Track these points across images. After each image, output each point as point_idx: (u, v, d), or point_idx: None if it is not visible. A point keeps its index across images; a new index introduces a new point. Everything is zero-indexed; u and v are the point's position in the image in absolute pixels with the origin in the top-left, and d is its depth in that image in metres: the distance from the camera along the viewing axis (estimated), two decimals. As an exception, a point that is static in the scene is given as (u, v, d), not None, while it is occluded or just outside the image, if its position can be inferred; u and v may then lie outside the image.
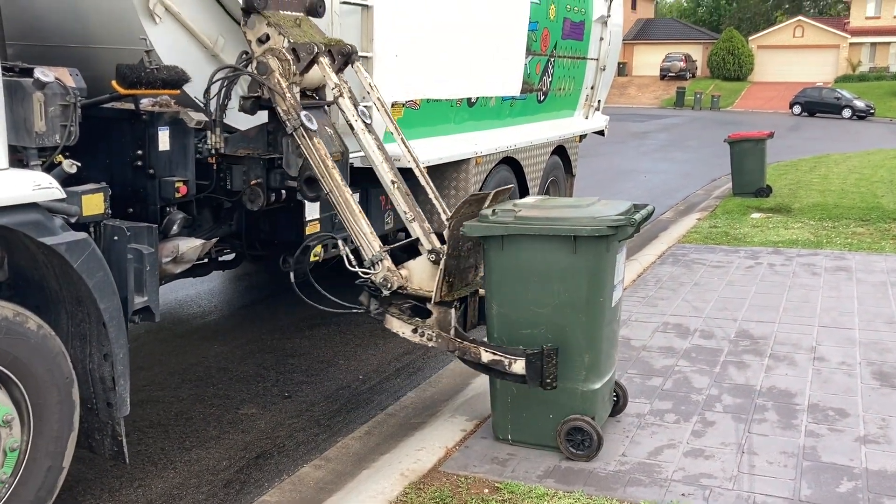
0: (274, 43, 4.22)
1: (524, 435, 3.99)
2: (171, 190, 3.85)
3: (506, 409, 4.01)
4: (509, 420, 4.01)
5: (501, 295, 3.91)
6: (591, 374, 3.84)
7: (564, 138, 8.61)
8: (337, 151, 4.40)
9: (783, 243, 8.95)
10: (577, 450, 3.83)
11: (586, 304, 3.77)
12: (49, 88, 3.13)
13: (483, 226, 3.88)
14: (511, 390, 3.97)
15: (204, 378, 5.35)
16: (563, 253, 3.73)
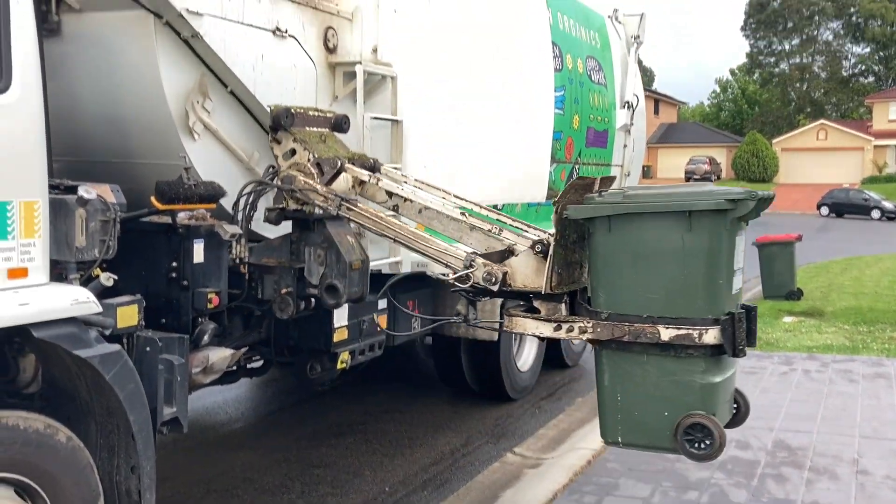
0: (299, 157, 4.41)
1: (635, 436, 3.63)
2: (203, 301, 3.93)
3: (615, 409, 3.63)
4: (619, 420, 3.64)
5: (609, 282, 3.59)
6: (710, 365, 3.48)
7: (591, 243, 8.66)
8: (357, 259, 4.49)
9: (818, 348, 8.77)
10: (696, 449, 3.46)
11: (704, 288, 3.45)
12: (91, 205, 3.26)
13: (590, 207, 3.59)
14: (620, 388, 3.62)
15: (229, 489, 5.28)
16: (678, 231, 3.40)
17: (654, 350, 3.51)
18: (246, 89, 4.43)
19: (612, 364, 3.65)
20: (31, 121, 3.04)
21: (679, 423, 3.47)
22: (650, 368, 3.54)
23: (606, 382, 3.68)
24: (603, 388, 3.70)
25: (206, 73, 4.25)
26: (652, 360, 3.53)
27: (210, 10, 4.07)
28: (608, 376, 3.67)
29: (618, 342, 3.58)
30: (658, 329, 3.49)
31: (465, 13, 6.08)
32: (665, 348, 3.50)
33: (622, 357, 3.61)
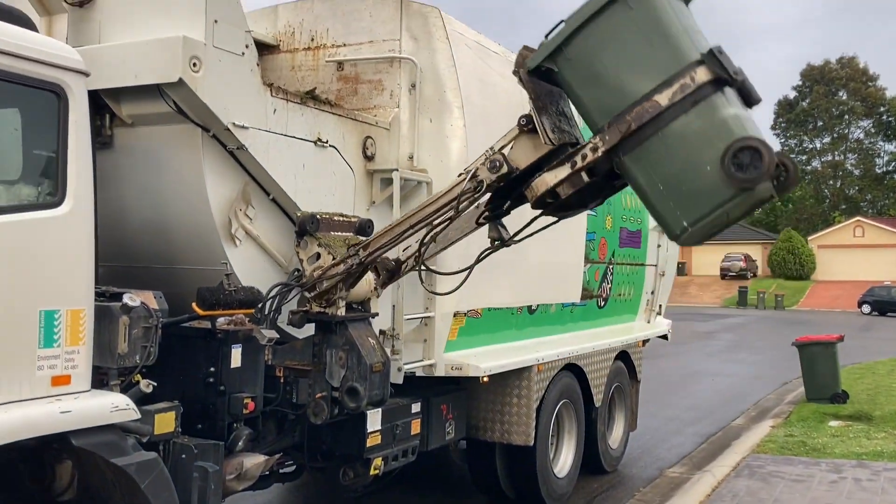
0: (323, 261, 4.53)
1: (695, 208, 3.50)
2: (239, 406, 3.95)
3: (665, 199, 3.56)
4: (673, 207, 3.54)
5: (593, 95, 3.67)
6: (720, 101, 3.48)
7: (627, 344, 8.57)
8: (378, 362, 4.55)
9: (867, 455, 8.42)
10: (747, 173, 3.36)
11: (673, 36, 3.56)
12: (135, 312, 3.35)
13: (540, 49, 3.73)
14: (657, 176, 3.56)
15: None
16: (621, 13, 3.55)
17: (662, 121, 3.49)
18: (287, 197, 4.58)
19: (636, 162, 3.59)
20: (81, 232, 3.16)
21: (723, 158, 3.38)
22: (669, 138, 3.50)
23: (643, 183, 3.59)
24: (643, 190, 3.62)
25: (250, 182, 4.41)
26: (667, 131, 3.50)
27: (255, 124, 4.26)
28: (641, 175, 3.59)
29: (629, 137, 3.53)
30: (655, 99, 3.48)
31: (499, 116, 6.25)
32: (671, 112, 3.48)
33: (641, 150, 3.55)
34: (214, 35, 3.99)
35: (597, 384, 7.72)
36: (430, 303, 5.53)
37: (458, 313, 5.82)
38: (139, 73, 3.96)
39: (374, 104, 5.35)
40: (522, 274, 6.59)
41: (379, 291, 4.86)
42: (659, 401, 12.38)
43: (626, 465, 8.55)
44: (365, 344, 4.56)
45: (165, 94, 4.00)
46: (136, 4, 4.18)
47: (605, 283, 8.16)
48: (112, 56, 4.05)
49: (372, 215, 5.15)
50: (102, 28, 4.25)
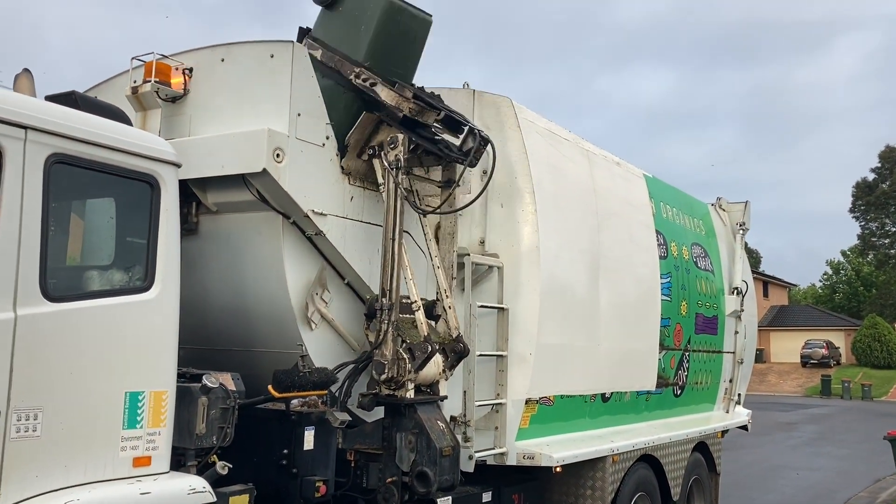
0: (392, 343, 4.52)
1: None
2: (311, 490, 3.93)
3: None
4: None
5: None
6: None
7: (705, 434, 8.23)
8: (448, 446, 4.48)
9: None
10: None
11: None
12: (213, 393, 3.41)
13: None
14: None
15: None
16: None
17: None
18: (362, 281, 4.66)
19: None
20: (167, 316, 3.28)
21: None
22: None
23: None
24: None
25: (326, 267, 4.52)
26: None
27: (333, 211, 4.39)
28: None
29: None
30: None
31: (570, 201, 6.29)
32: None
33: None
34: (297, 127, 4.18)
35: (674, 476, 7.40)
36: (501, 389, 5.47)
37: (529, 400, 5.72)
38: (226, 164, 4.15)
39: (447, 191, 5.45)
40: (596, 360, 6.47)
41: (447, 374, 4.84)
42: (740, 496, 11.74)
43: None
44: (434, 427, 4.51)
45: (249, 183, 4.18)
46: (224, 99, 4.43)
47: (681, 370, 7.93)
48: (201, 147, 4.27)
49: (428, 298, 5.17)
50: (192, 121, 4.50)
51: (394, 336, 4.55)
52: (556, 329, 5.97)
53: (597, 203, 6.68)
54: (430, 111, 4.73)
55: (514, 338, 5.51)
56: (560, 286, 6.01)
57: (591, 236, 6.51)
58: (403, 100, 4.55)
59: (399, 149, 4.51)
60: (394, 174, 4.50)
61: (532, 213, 5.65)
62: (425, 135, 4.85)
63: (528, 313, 5.62)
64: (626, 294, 6.85)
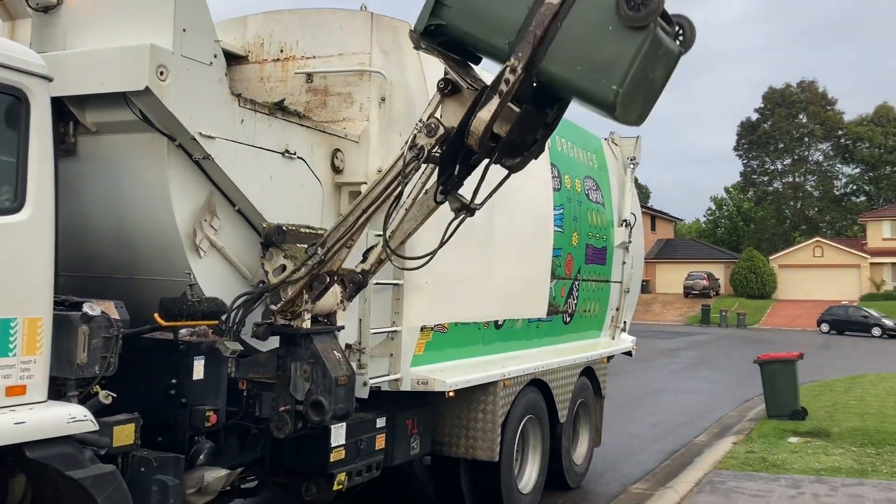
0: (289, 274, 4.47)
1: (617, 71, 3.71)
2: (201, 419, 3.88)
3: (587, 77, 3.81)
4: (598, 78, 3.78)
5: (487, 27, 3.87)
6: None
7: (592, 359, 8.62)
8: (343, 375, 4.52)
9: (825, 471, 8.55)
10: (638, 11, 3.59)
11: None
12: (95, 322, 3.28)
13: (420, 16, 4.04)
14: (575, 60, 3.80)
15: None
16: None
17: (561, 14, 3.71)
18: (253, 208, 4.54)
19: (553, 61, 3.76)
20: (41, 240, 3.10)
21: (617, 9, 3.59)
22: (572, 24, 3.70)
23: (566, 74, 3.80)
24: (569, 81, 3.84)
25: (215, 193, 4.37)
26: (567, 20, 3.73)
27: (222, 134, 4.23)
28: (562, 70, 3.78)
29: (539, 45, 3.71)
30: (546, 1, 3.71)
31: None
32: (566, 2, 3.73)
33: (553, 48, 3.74)
34: (183, 44, 3.96)
35: (562, 400, 7.75)
36: (397, 317, 5.52)
37: (424, 328, 5.81)
38: (105, 81, 3.91)
39: (343, 117, 5.35)
40: (489, 289, 6.61)
41: (345, 304, 4.84)
42: (623, 417, 12.45)
43: (590, 482, 8.57)
44: (330, 357, 4.53)
45: (131, 102, 3.95)
46: (103, 11, 4.14)
47: (570, 299, 8.22)
48: (77, 63, 4.00)
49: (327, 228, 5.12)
50: (67, 34, 4.19)
51: (306, 285, 4.49)
52: (451, 258, 6.03)
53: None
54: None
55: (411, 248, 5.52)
56: (457, 217, 6.04)
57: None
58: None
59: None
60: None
61: (430, 143, 5.61)
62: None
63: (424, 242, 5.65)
64: (520, 225, 6.97)
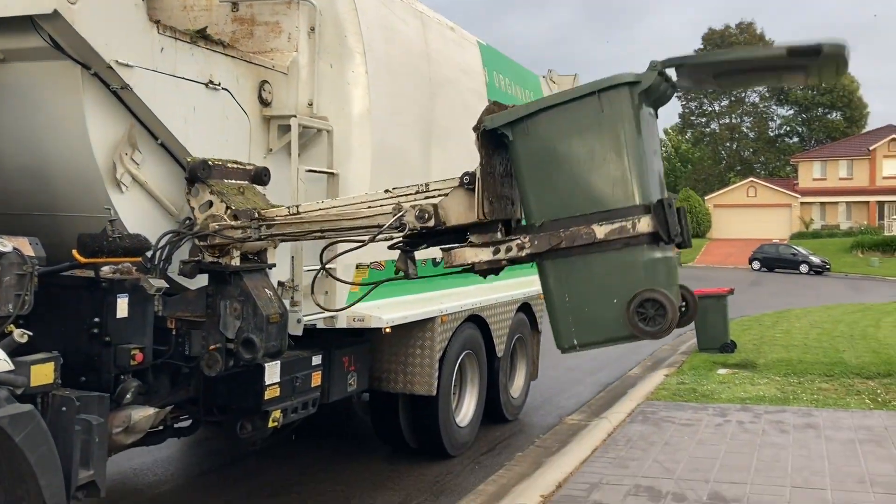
0: (216, 210, 4.38)
1: (591, 334, 3.56)
2: (126, 358, 3.79)
3: (566, 312, 3.58)
4: (571, 322, 3.58)
5: (537, 187, 3.60)
6: (650, 246, 3.48)
7: (529, 295, 8.72)
8: (275, 312, 4.46)
9: (751, 400, 8.92)
10: (650, 326, 3.41)
11: (628, 172, 3.46)
12: (6, 258, 3.14)
13: (504, 113, 3.67)
14: (567, 289, 3.57)
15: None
16: (592, 115, 3.46)
17: (591, 249, 3.52)
18: (177, 141, 4.37)
19: (555, 268, 3.62)
20: (-57, 171, 2.93)
21: (630, 303, 3.44)
22: (593, 262, 3.53)
23: (553, 288, 3.62)
24: (550, 293, 3.64)
25: (136, 125, 4.19)
26: (592, 258, 3.53)
27: (141, 63, 4.03)
28: (553, 280, 3.62)
29: (557, 250, 3.56)
30: (592, 228, 3.50)
31: (404, 65, 6.16)
32: (602, 245, 3.51)
33: (564, 263, 3.58)
34: (93, -37, 3.72)
35: (499, 335, 7.84)
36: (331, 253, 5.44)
37: (360, 265, 5.75)
38: (9, 3, 3.66)
39: (270, 47, 5.16)
40: (426, 226, 6.56)
41: (276, 242, 4.75)
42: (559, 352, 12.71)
43: (527, 414, 8.78)
44: (261, 295, 4.46)
45: (39, 26, 3.72)
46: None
47: (508, 236, 8.25)
48: (-23, -17, 3.72)
49: (269, 163, 5.00)
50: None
51: (218, 202, 4.37)
52: (388, 194, 5.97)
53: (430, 69, 6.58)
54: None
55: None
56: (392, 152, 5.96)
57: (425, 103, 6.45)
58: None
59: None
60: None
61: (363, 75, 5.48)
62: None
63: (359, 179, 5.56)
64: (456, 161, 6.88)
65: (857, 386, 9.88)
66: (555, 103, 3.59)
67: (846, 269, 43.96)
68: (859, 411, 8.41)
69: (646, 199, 3.50)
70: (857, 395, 9.30)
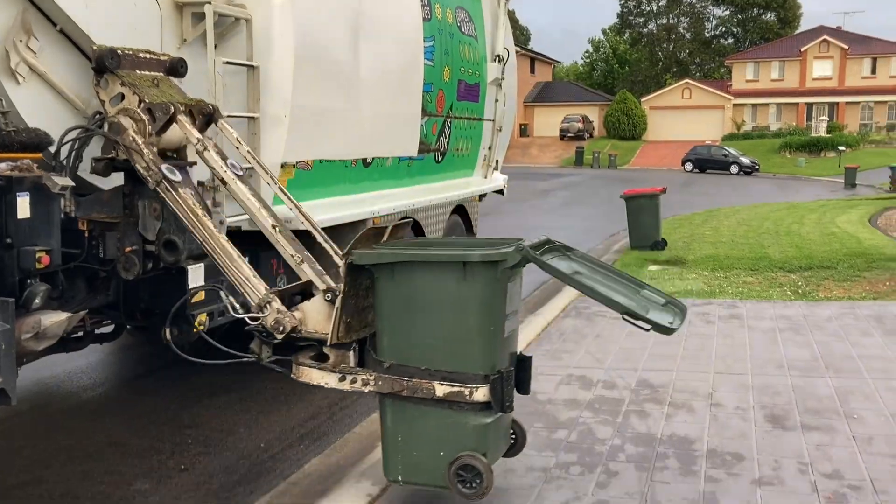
0: (128, 103, 4.09)
1: (414, 475, 3.77)
2: (31, 261, 3.57)
3: (396, 449, 3.78)
4: (399, 460, 3.78)
5: (392, 329, 3.71)
6: (483, 410, 3.64)
7: (464, 198, 8.65)
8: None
9: (679, 294, 9.17)
10: (467, 488, 3.61)
11: (478, 337, 3.62)
12: None
13: (374, 253, 3.71)
14: (402, 428, 3.75)
15: (93, 454, 4.96)
16: (453, 281, 3.58)
17: (430, 403, 3.68)
18: (78, 28, 4.03)
19: (394, 409, 3.79)
20: None
21: (451, 464, 3.65)
22: (428, 414, 3.70)
23: (389, 424, 3.81)
24: (386, 428, 3.83)
25: (29, 9, 3.83)
26: (430, 410, 3.69)
27: (26, -64, 3.64)
28: (390, 419, 3.80)
29: (397, 395, 3.73)
30: (434, 385, 3.64)
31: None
32: (440, 402, 3.66)
33: (403, 404, 3.75)
34: None
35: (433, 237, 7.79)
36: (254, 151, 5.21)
37: (286, 164, 5.54)
38: None
39: (179, -75, 4.74)
40: (356, 125, 6.34)
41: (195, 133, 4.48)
42: (496, 254, 12.79)
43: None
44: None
45: None
46: None
47: (442, 136, 8.09)
48: None
49: (184, 55, 4.68)
50: None
51: (130, 94, 4.07)
52: (313, 91, 5.70)
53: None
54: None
55: (266, 99, 5.18)
56: (317, 45, 5.65)
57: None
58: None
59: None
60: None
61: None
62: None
63: (282, 73, 5.27)
64: (388, 57, 6.64)
65: (780, 279, 10.26)
66: (422, 259, 3.65)
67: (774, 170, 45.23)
68: (781, 302, 8.75)
69: (488, 370, 3.62)
70: (779, 287, 9.67)
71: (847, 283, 9.86)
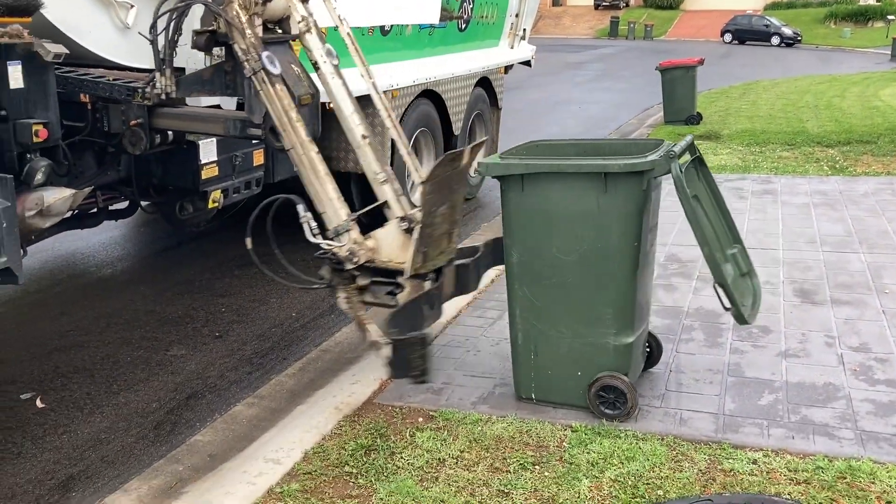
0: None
1: (549, 394, 3.58)
2: (28, 134, 3.42)
3: (529, 367, 3.58)
4: (532, 378, 3.58)
5: (522, 242, 3.46)
6: (622, 326, 3.42)
7: (488, 69, 8.28)
8: (307, 93, 3.84)
9: (712, 169, 8.78)
10: (609, 409, 3.44)
11: (619, 251, 3.35)
12: None
13: (501, 164, 3.43)
14: (534, 346, 3.56)
15: (131, 321, 5.03)
16: (592, 193, 3.28)
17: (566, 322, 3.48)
18: None
19: (525, 326, 3.56)
20: None
21: (592, 385, 3.45)
22: (564, 330, 3.47)
23: (520, 340, 3.57)
24: (517, 345, 3.60)
25: None
26: (565, 329, 3.48)
27: None
28: (521, 336, 3.57)
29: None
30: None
31: None
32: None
33: (535, 321, 3.52)
34: None
35: (456, 112, 7.51)
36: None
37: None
38: None
39: None
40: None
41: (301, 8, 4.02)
42: (526, 128, 12.45)
43: (485, 193, 8.67)
44: (290, 73, 3.78)
45: None
46: None
47: (466, 3, 7.64)
48: None
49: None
50: None
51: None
52: None
53: None
54: None
55: None
56: None
57: None
58: None
59: None
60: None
61: None
62: None
63: None
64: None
65: (817, 154, 9.86)
66: (556, 171, 3.33)
67: (817, 41, 43.10)
68: (816, 177, 8.42)
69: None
70: (815, 162, 9.30)
71: (886, 158, 9.46)
